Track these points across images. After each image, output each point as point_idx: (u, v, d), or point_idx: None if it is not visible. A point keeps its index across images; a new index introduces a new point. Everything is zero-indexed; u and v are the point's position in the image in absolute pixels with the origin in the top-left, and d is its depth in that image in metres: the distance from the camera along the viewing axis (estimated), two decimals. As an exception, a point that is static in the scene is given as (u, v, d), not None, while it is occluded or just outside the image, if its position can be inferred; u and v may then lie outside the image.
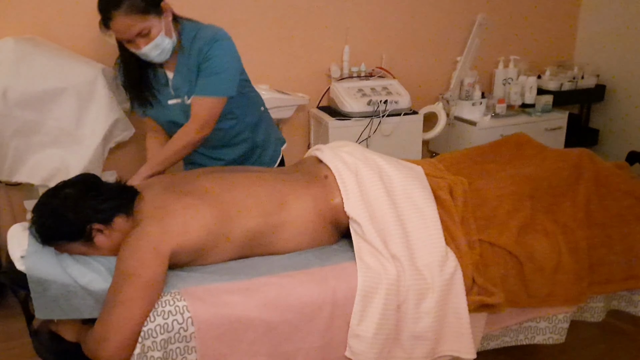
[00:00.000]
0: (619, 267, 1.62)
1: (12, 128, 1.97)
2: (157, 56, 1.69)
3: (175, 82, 1.78)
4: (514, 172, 1.69)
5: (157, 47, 1.67)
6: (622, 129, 3.34)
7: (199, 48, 1.72)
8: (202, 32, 1.74)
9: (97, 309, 1.32)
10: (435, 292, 1.41)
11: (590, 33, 3.42)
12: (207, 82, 1.72)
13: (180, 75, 1.77)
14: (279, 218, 1.48)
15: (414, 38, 3.03)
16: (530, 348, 2.01)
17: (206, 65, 1.71)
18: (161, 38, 1.66)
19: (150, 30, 1.63)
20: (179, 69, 1.77)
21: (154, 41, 1.65)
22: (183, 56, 1.75)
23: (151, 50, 1.67)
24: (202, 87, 1.73)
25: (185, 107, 1.79)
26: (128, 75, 1.79)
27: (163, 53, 1.70)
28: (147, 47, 1.65)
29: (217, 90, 1.73)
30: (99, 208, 1.36)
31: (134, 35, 1.62)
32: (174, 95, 1.80)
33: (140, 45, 1.65)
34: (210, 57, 1.71)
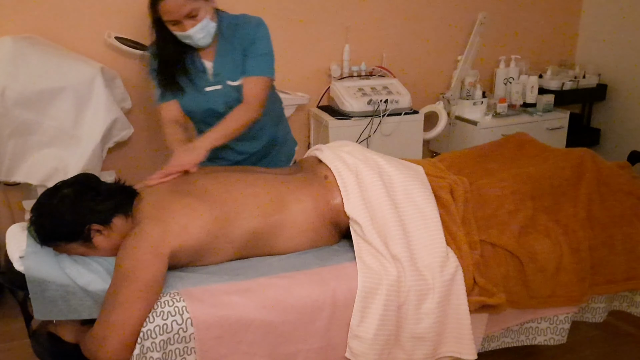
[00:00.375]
0: (620, 267, 1.62)
1: (10, 128, 1.96)
2: (201, 39, 1.73)
3: (216, 68, 1.81)
4: (515, 172, 1.68)
5: (202, 30, 1.71)
6: (624, 128, 3.33)
7: (244, 33, 1.78)
8: (243, 19, 1.81)
9: (96, 310, 1.31)
10: (436, 292, 1.40)
11: (592, 32, 3.41)
12: (257, 62, 1.78)
13: (221, 61, 1.80)
14: (279, 218, 1.47)
15: (415, 37, 3.03)
16: (531, 349, 2.01)
17: (254, 47, 1.78)
18: (207, 21, 1.71)
19: (198, 12, 1.67)
20: (220, 55, 1.80)
21: (200, 23, 1.69)
22: (224, 43, 1.79)
23: (197, 32, 1.70)
24: (254, 67, 1.78)
25: (226, 92, 1.81)
26: (165, 60, 1.79)
27: (207, 36, 1.74)
28: (194, 28, 1.69)
29: (267, 70, 1.80)
30: (97, 209, 1.36)
31: (183, 15, 1.66)
32: (213, 82, 1.81)
33: (187, 27, 1.68)
34: (258, 39, 1.78)
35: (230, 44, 1.79)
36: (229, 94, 1.80)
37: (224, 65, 1.80)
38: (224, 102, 1.81)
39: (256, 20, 1.81)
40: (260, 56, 1.78)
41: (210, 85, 1.81)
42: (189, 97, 1.81)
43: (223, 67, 1.80)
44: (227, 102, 1.81)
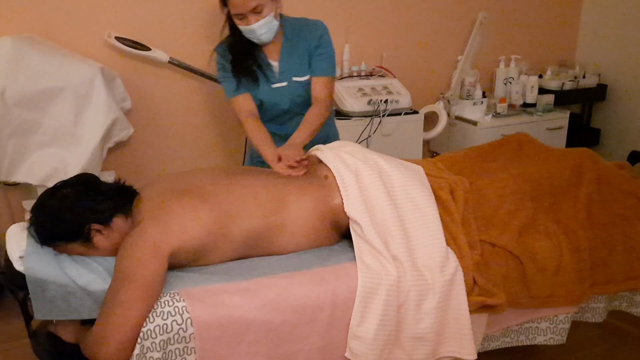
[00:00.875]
0: (620, 267, 1.62)
1: (10, 128, 1.97)
2: (264, 34, 1.84)
3: (282, 66, 1.93)
4: (515, 172, 1.68)
5: (265, 26, 1.81)
6: (624, 128, 3.33)
7: (310, 35, 1.91)
8: (306, 21, 1.95)
9: (96, 310, 1.31)
10: (436, 293, 1.40)
11: (592, 32, 3.41)
12: (324, 63, 1.93)
13: (287, 60, 1.93)
14: (279, 218, 1.47)
15: (415, 37, 3.03)
16: (531, 349, 2.01)
17: (322, 49, 1.92)
18: (270, 18, 1.81)
19: (263, 8, 1.78)
20: (285, 54, 1.93)
21: (264, 19, 1.79)
22: (288, 43, 1.92)
23: (260, 27, 1.81)
24: (322, 68, 1.93)
25: (292, 88, 1.94)
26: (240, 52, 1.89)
27: (269, 33, 1.84)
28: (257, 23, 1.79)
29: (333, 69, 1.97)
30: (97, 208, 1.36)
31: (249, 10, 1.76)
32: (279, 79, 1.94)
33: (251, 21, 1.79)
34: (325, 43, 1.93)
35: (294, 44, 1.92)
36: (294, 90, 1.94)
37: (289, 64, 1.93)
38: (289, 98, 1.95)
39: (322, 24, 1.96)
40: (327, 58, 1.93)
41: (277, 82, 1.94)
42: (261, 89, 1.93)
43: (289, 65, 1.93)
44: (292, 98, 1.95)
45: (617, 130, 3.38)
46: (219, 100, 2.70)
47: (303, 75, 1.94)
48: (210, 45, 2.58)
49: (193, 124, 2.68)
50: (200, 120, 2.70)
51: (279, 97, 1.95)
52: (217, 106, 2.71)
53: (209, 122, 2.71)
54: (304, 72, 1.94)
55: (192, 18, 2.54)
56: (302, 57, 1.92)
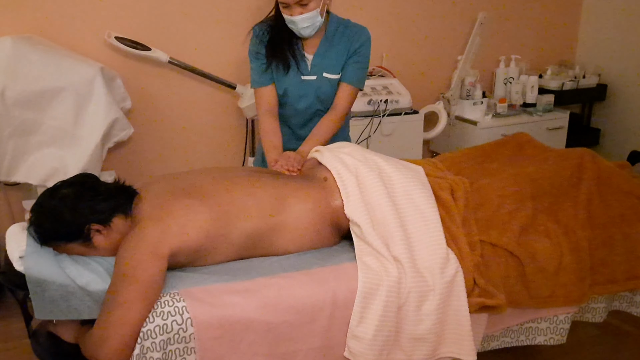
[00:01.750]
0: (620, 267, 1.62)
1: (10, 128, 1.96)
2: (304, 29, 1.81)
3: (315, 60, 1.91)
4: (515, 172, 1.68)
5: (308, 20, 1.78)
6: (624, 128, 3.33)
7: (354, 38, 1.89)
8: (353, 24, 1.93)
9: (96, 310, 1.31)
10: (437, 294, 1.40)
11: (592, 32, 3.41)
12: (357, 72, 1.92)
13: (322, 56, 1.90)
14: (279, 220, 1.47)
15: (415, 37, 3.03)
16: (531, 349, 2.01)
17: (359, 58, 1.91)
18: (315, 13, 1.78)
19: (310, 2, 1.75)
20: (323, 49, 1.90)
21: (308, 13, 1.76)
22: (327, 41, 1.90)
23: (302, 21, 1.78)
24: (354, 77, 1.92)
25: (320, 84, 1.92)
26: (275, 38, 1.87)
27: (310, 28, 1.81)
28: (301, 16, 1.76)
29: (361, 82, 1.96)
30: (97, 208, 1.35)
31: (295, 2, 1.74)
32: (309, 72, 1.91)
33: (295, 13, 1.76)
34: (364, 53, 1.92)
35: (334, 42, 1.90)
36: (322, 86, 1.92)
37: (324, 60, 1.90)
38: (315, 93, 1.93)
39: (367, 32, 1.93)
40: (361, 68, 1.92)
41: (307, 75, 1.91)
42: (289, 78, 1.91)
43: (322, 61, 1.90)
44: (318, 94, 1.93)
45: (617, 130, 3.38)
46: (219, 100, 2.70)
47: (335, 73, 1.92)
48: (210, 45, 2.59)
49: (193, 123, 2.68)
50: (200, 120, 2.70)
51: (306, 89, 1.93)
52: (217, 106, 2.71)
53: (209, 122, 2.71)
54: (336, 71, 1.91)
55: (192, 18, 2.54)
56: (339, 56, 1.90)
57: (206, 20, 2.55)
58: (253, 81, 1.95)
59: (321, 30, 1.88)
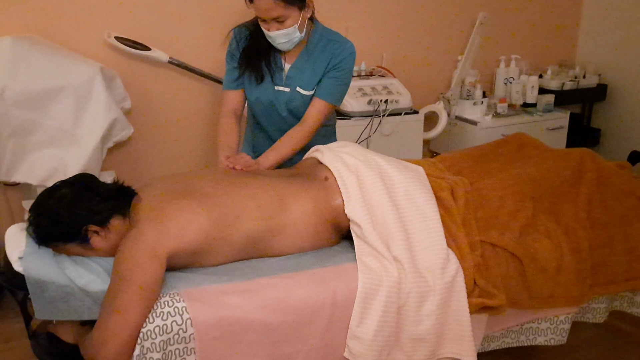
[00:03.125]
0: (621, 267, 1.62)
1: (9, 128, 1.96)
2: (282, 44, 1.76)
3: (291, 72, 1.85)
4: (516, 172, 1.68)
5: (285, 36, 1.73)
6: (624, 128, 3.33)
7: (334, 53, 1.81)
8: (338, 37, 1.84)
9: (96, 310, 1.31)
10: (437, 295, 1.40)
11: (592, 32, 3.41)
12: (333, 88, 1.83)
13: (298, 68, 1.84)
14: (279, 221, 1.47)
15: (415, 37, 3.02)
16: (531, 349, 2.00)
17: (338, 73, 1.82)
18: (293, 29, 1.72)
19: (287, 19, 1.69)
20: (300, 62, 1.84)
21: (285, 29, 1.71)
22: (307, 53, 1.83)
23: (279, 37, 1.73)
24: (329, 93, 1.83)
25: (292, 97, 1.85)
26: (252, 46, 1.83)
27: (288, 43, 1.76)
28: (277, 32, 1.71)
29: (338, 99, 1.87)
30: (95, 209, 1.35)
31: (271, 18, 1.69)
32: (283, 83, 1.85)
33: (271, 29, 1.72)
34: (344, 68, 1.82)
35: (315, 56, 1.82)
36: (294, 100, 1.85)
37: (300, 72, 1.84)
38: (287, 106, 1.87)
39: (351, 48, 1.84)
40: (338, 84, 1.83)
41: (281, 86, 1.86)
42: (262, 87, 1.86)
43: (298, 74, 1.84)
44: (289, 107, 1.87)
45: (617, 130, 3.37)
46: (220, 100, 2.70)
47: (308, 89, 1.84)
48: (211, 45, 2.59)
49: (193, 124, 2.68)
50: (200, 120, 2.69)
51: (278, 100, 1.87)
52: (217, 106, 2.70)
53: (209, 122, 2.71)
54: (310, 86, 1.84)
55: (192, 18, 2.53)
56: (316, 70, 1.83)
57: (206, 20, 2.54)
58: (224, 82, 1.91)
59: (303, 41, 1.82)
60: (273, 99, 1.87)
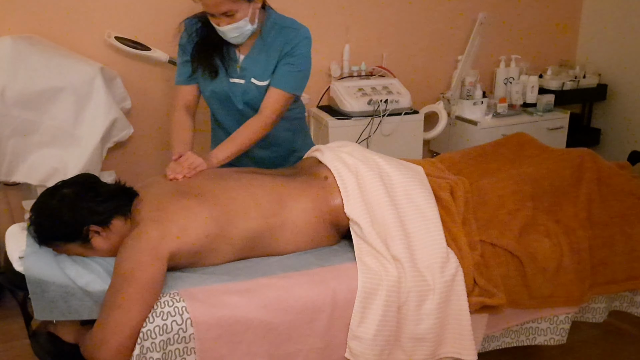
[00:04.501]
0: (621, 267, 1.62)
1: (9, 128, 1.96)
2: (234, 38, 1.72)
3: (245, 63, 1.80)
4: (516, 172, 1.68)
5: (236, 30, 1.69)
6: (624, 128, 3.33)
7: (286, 40, 1.75)
8: (289, 24, 1.78)
9: (96, 310, 1.31)
10: (437, 293, 1.40)
11: (592, 32, 3.41)
12: (288, 76, 1.76)
13: (252, 59, 1.79)
14: (279, 219, 1.47)
15: (415, 37, 3.02)
16: (531, 349, 2.00)
17: (292, 60, 1.75)
18: (244, 22, 1.69)
19: (236, 12, 1.66)
20: (253, 52, 1.79)
21: (236, 23, 1.68)
22: (262, 42, 1.78)
23: (230, 31, 1.69)
24: (284, 81, 1.76)
25: (247, 88, 1.80)
26: (204, 40, 1.79)
27: (240, 37, 1.73)
28: (228, 27, 1.68)
29: (295, 87, 1.79)
30: (96, 210, 1.35)
31: (220, 12, 1.65)
32: (238, 75, 1.81)
33: (222, 24, 1.68)
34: (298, 53, 1.75)
35: (268, 44, 1.78)
36: (249, 91, 1.80)
37: (254, 63, 1.79)
38: (243, 98, 1.82)
39: (305, 33, 1.77)
40: (293, 72, 1.77)
41: (236, 78, 1.81)
42: (216, 82, 1.82)
43: (252, 64, 1.79)
44: (245, 99, 1.82)
45: (617, 130, 3.37)
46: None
47: (263, 79, 1.78)
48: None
49: (193, 123, 2.68)
50: (200, 120, 2.69)
51: (234, 92, 1.81)
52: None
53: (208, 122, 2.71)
54: (265, 77, 1.78)
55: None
56: (270, 59, 1.77)
57: (206, 20, 2.54)
58: (176, 76, 1.86)
59: (256, 31, 1.77)
60: (228, 92, 1.82)
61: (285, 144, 1.96)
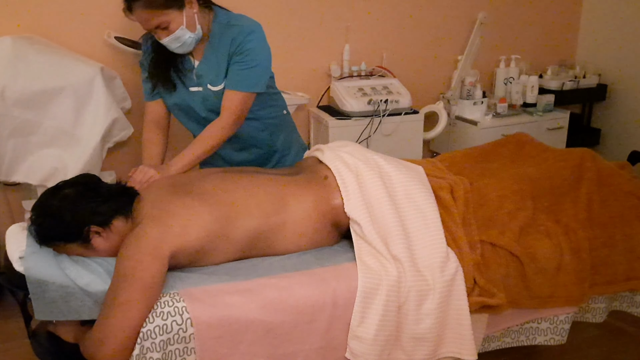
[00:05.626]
0: (621, 267, 1.62)
1: (10, 128, 1.96)
2: (178, 48, 1.70)
3: (200, 70, 1.77)
4: (516, 172, 1.68)
5: (176, 40, 1.67)
6: (624, 128, 3.33)
7: (232, 38, 1.70)
8: (235, 22, 1.72)
9: (96, 311, 1.31)
10: (436, 293, 1.40)
11: (592, 32, 3.40)
12: (241, 75, 1.72)
13: (206, 64, 1.76)
14: (279, 219, 1.47)
15: (415, 37, 3.02)
16: (531, 349, 2.01)
17: (240, 57, 1.70)
18: (181, 31, 1.65)
19: (169, 23, 1.63)
20: (206, 57, 1.76)
21: (173, 34, 1.65)
22: (211, 45, 1.74)
23: (170, 43, 1.67)
24: (236, 81, 1.72)
25: (206, 95, 1.78)
26: (157, 55, 1.79)
27: (184, 46, 1.69)
28: (167, 39, 1.66)
29: (250, 85, 1.73)
30: (97, 210, 1.36)
31: (153, 27, 1.64)
32: (196, 83, 1.79)
33: (161, 37, 1.67)
34: (245, 50, 1.69)
35: (216, 46, 1.73)
36: (209, 98, 1.78)
37: (207, 68, 1.76)
38: (204, 105, 1.79)
39: (249, 27, 1.70)
40: (245, 70, 1.71)
41: (194, 86, 1.79)
42: (176, 94, 1.81)
43: (206, 70, 1.76)
44: (207, 106, 1.79)
45: (617, 130, 3.37)
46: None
47: (217, 84, 1.74)
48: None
49: (193, 124, 2.68)
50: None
51: (195, 102, 1.80)
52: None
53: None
54: (219, 81, 1.74)
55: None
56: (221, 63, 1.72)
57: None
58: (143, 92, 1.87)
59: (205, 34, 1.73)
60: (189, 102, 1.80)
61: (263, 145, 1.93)
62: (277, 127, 1.95)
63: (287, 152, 2.00)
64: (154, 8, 1.59)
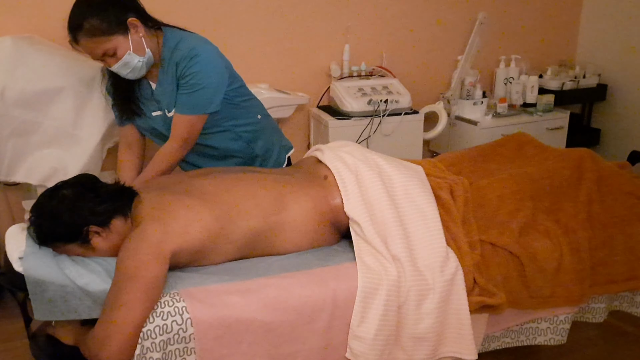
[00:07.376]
0: (620, 267, 1.62)
1: (9, 128, 1.96)
2: (129, 74, 1.67)
3: (157, 94, 1.76)
4: (515, 172, 1.68)
5: (125, 66, 1.64)
6: (624, 128, 3.33)
7: (176, 62, 1.68)
8: (181, 45, 1.68)
9: (95, 310, 1.31)
10: (436, 293, 1.40)
11: (592, 32, 3.41)
12: (186, 99, 1.69)
13: (161, 88, 1.75)
14: (279, 218, 1.47)
15: (415, 37, 3.03)
16: (531, 349, 2.00)
17: (184, 82, 1.67)
18: (129, 56, 1.63)
19: (115, 50, 1.60)
20: (160, 82, 1.74)
21: (121, 60, 1.62)
22: (163, 70, 1.72)
23: (120, 69, 1.65)
24: (182, 104, 1.70)
25: (166, 119, 1.77)
26: (115, 85, 1.79)
27: (134, 71, 1.67)
28: (116, 65, 1.64)
29: (197, 108, 1.70)
30: (96, 210, 1.36)
31: (100, 56, 1.62)
32: (156, 107, 1.78)
33: (110, 64, 1.64)
34: (189, 74, 1.66)
35: (166, 70, 1.71)
36: (168, 121, 1.76)
37: (163, 92, 1.75)
38: (167, 127, 1.77)
39: (192, 51, 1.65)
40: (190, 93, 1.68)
41: (155, 110, 1.78)
42: (141, 119, 1.82)
43: (162, 94, 1.75)
44: (168, 129, 1.77)
45: (617, 130, 3.37)
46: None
47: (171, 108, 1.73)
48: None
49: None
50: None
51: (158, 125, 1.79)
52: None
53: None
54: (172, 106, 1.72)
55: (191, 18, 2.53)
56: (172, 87, 1.70)
57: (205, 20, 2.54)
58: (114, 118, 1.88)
59: (157, 58, 1.70)
60: (154, 125, 1.80)
61: (241, 153, 1.91)
62: (253, 134, 1.90)
63: (269, 154, 1.97)
64: (98, 35, 1.56)
